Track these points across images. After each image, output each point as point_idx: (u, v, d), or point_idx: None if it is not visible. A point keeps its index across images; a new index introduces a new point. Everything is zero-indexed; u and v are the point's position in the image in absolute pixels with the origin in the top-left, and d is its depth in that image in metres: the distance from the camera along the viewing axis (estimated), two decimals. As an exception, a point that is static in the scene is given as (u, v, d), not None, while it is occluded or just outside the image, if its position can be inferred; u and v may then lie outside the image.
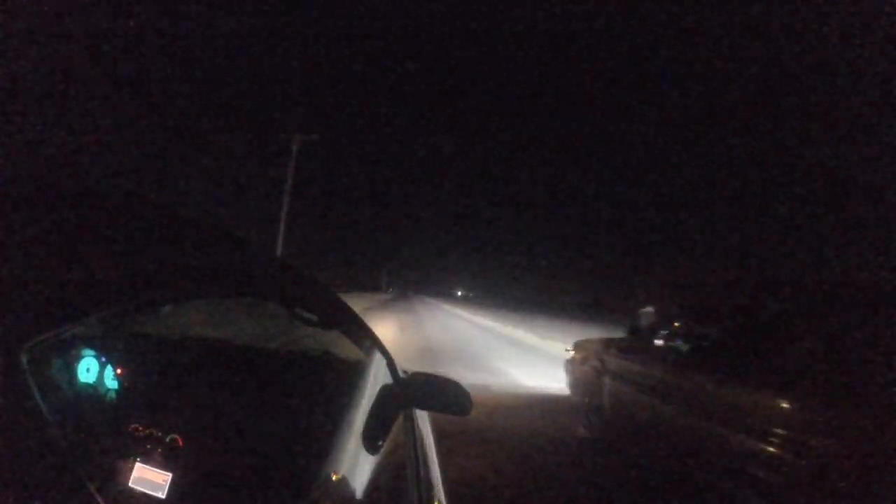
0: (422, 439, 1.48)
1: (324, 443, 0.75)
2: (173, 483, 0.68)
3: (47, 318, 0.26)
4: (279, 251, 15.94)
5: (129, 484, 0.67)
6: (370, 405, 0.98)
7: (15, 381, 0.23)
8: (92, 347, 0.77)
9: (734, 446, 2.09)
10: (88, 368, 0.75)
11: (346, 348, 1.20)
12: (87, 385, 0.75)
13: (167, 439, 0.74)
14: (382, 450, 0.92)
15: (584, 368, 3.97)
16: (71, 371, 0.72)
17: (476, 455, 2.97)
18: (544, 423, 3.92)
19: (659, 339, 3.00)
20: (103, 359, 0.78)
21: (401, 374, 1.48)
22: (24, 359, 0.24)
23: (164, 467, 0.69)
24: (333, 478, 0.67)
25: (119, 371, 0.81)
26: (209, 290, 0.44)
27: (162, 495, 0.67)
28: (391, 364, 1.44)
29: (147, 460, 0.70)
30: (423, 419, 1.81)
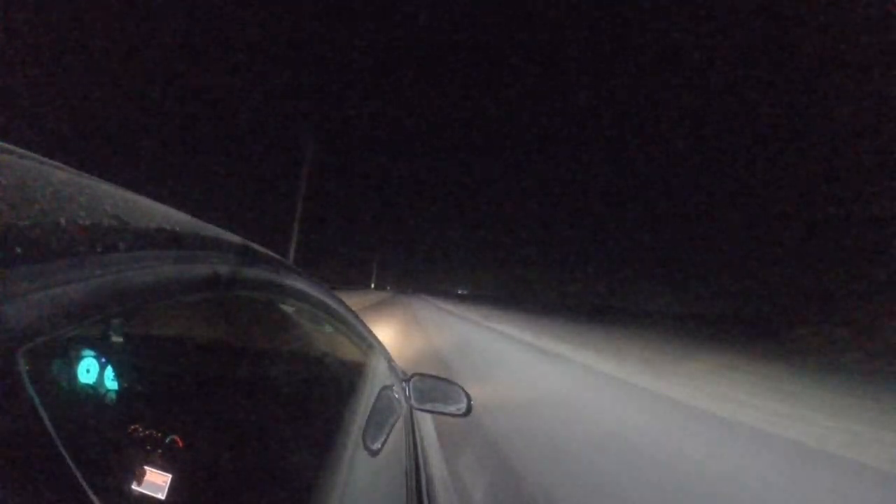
0: (422, 441, 1.47)
1: (323, 444, 0.74)
2: (173, 484, 0.68)
3: (46, 319, 0.26)
4: (291, 253, 16.10)
5: (129, 485, 0.67)
6: (370, 406, 0.98)
7: (13, 382, 0.23)
8: (92, 348, 0.77)
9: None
10: (88, 369, 0.75)
11: (346, 348, 1.20)
12: (87, 386, 0.75)
13: (167, 440, 0.73)
14: (382, 452, 0.91)
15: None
16: (70, 372, 0.72)
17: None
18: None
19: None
20: (103, 359, 0.78)
21: (401, 376, 1.48)
22: (22, 360, 0.24)
23: (164, 468, 0.69)
24: (333, 480, 0.67)
25: (119, 371, 0.80)
26: (209, 290, 0.44)
27: (162, 496, 0.67)
28: (391, 365, 1.44)
29: (147, 461, 0.70)
30: (426, 421, 1.81)
